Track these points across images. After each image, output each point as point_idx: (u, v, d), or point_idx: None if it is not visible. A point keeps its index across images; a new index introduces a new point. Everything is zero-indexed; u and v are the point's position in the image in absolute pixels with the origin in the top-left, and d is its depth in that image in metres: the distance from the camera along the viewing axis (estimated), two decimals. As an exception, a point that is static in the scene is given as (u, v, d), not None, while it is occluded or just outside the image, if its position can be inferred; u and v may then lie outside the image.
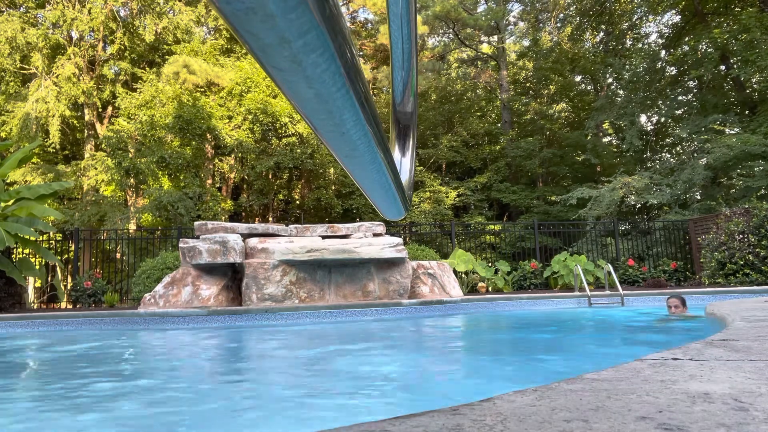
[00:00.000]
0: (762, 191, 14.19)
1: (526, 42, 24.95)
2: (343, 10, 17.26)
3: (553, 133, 22.65)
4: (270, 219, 20.10)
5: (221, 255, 8.14)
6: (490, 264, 13.66)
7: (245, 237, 8.92)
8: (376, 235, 9.55)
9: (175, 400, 3.16)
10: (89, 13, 18.70)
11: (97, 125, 20.57)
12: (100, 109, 21.19)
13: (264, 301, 8.04)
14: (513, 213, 20.97)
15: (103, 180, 17.93)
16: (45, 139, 18.64)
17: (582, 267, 11.46)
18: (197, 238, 8.74)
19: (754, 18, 14.76)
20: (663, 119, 19.32)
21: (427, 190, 18.85)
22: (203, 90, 18.40)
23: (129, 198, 19.23)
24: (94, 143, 20.30)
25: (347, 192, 19.28)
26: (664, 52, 19.43)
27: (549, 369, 3.88)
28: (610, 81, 21.79)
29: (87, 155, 19.52)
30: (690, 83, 18.49)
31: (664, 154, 20.36)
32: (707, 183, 15.63)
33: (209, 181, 18.59)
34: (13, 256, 10.94)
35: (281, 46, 0.36)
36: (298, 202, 20.23)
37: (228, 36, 20.61)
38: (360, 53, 23.39)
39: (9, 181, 17.43)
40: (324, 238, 9.16)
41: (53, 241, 13.52)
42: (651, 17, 20.51)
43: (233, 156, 18.31)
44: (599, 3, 20.56)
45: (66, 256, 16.43)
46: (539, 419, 1.00)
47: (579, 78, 23.35)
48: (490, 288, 12.26)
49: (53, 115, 18.04)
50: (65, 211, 17.66)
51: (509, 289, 12.42)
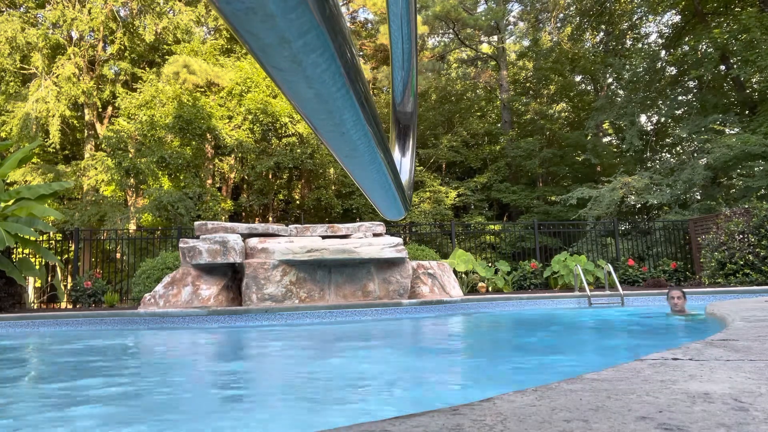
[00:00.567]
0: (762, 191, 14.19)
1: (526, 42, 24.95)
2: (343, 10, 17.26)
3: (553, 133, 22.64)
4: (270, 219, 20.10)
5: (221, 255, 8.15)
6: (490, 264, 13.65)
7: (245, 237, 8.92)
8: (376, 235, 9.55)
9: (175, 399, 3.16)
10: (89, 13, 18.70)
11: (97, 125, 20.57)
12: (100, 109, 21.19)
13: (264, 301, 8.04)
14: (513, 213, 20.97)
15: (103, 180, 17.92)
16: (45, 139, 18.64)
17: (582, 267, 11.46)
18: (197, 238, 8.74)
19: (754, 18, 14.75)
20: (663, 119, 19.31)
21: (427, 190, 18.85)
22: (203, 90, 18.41)
23: (129, 198, 19.23)
24: (94, 143, 20.29)
25: (347, 192, 19.27)
26: (664, 52, 19.43)
27: (549, 369, 3.88)
28: (610, 81, 21.79)
29: (87, 155, 19.52)
30: (690, 83, 18.49)
31: (664, 154, 20.36)
32: (707, 183, 15.62)
33: (209, 181, 18.59)
34: (13, 256, 10.94)
35: (281, 46, 0.36)
36: (298, 202, 20.23)
37: (228, 36, 20.61)
38: (360, 53, 23.38)
39: (9, 181, 17.43)
40: (324, 238, 9.16)
41: (53, 241, 13.52)
42: (651, 17, 20.51)
43: (233, 156, 18.32)
44: (599, 3, 20.56)
45: (66, 256, 16.43)
46: (539, 419, 1.00)
47: (579, 78, 23.35)
48: (490, 288, 12.26)
49: (53, 115, 18.04)
50: (65, 211, 17.65)
51: (509, 289, 12.41)
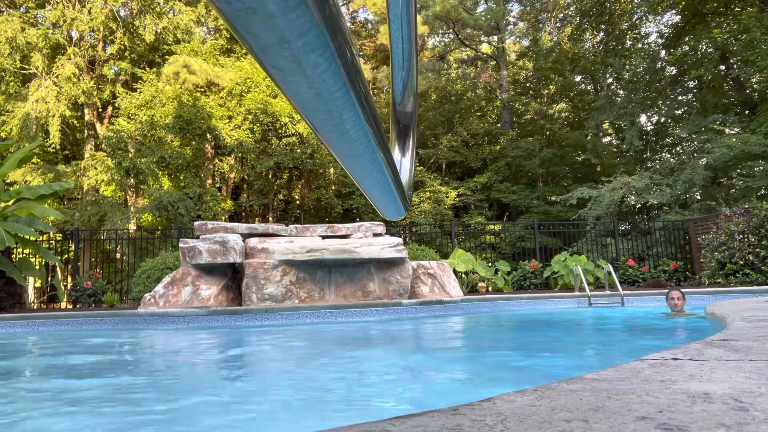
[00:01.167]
0: (762, 191, 14.20)
1: (526, 42, 24.95)
2: (343, 10, 17.26)
3: (553, 133, 22.64)
4: (270, 219, 20.10)
5: (221, 255, 8.15)
6: (490, 264, 13.65)
7: (245, 237, 8.92)
8: (376, 235, 9.55)
9: (175, 400, 3.16)
10: (89, 13, 18.70)
11: (97, 125, 20.57)
12: (100, 109, 21.19)
13: (264, 301, 8.04)
14: (513, 213, 20.97)
15: (103, 180, 17.92)
16: (45, 139, 18.64)
17: (582, 267, 11.46)
18: (197, 238, 8.74)
19: (754, 18, 14.75)
20: (663, 119, 19.32)
21: (427, 190, 18.85)
22: (203, 90, 18.41)
23: (129, 198, 19.23)
24: (94, 143, 20.29)
25: (347, 192, 19.28)
26: (664, 52, 19.43)
27: (549, 369, 3.88)
28: (610, 81, 21.79)
29: (87, 155, 19.51)
30: (690, 83, 18.49)
31: (664, 154, 20.37)
32: (707, 183, 15.62)
33: (209, 181, 18.59)
34: (13, 256, 10.94)
35: (281, 46, 0.36)
36: (298, 202, 20.24)
37: (228, 36, 20.61)
38: (360, 53, 23.38)
39: (9, 181, 17.42)
40: (324, 238, 9.16)
41: (53, 241, 13.52)
42: (651, 17, 20.50)
43: (233, 156, 18.32)
44: (599, 3, 20.56)
45: (66, 256, 16.43)
46: (539, 419, 1.00)
47: (579, 78, 23.34)
48: (490, 288, 12.26)
49: (53, 115, 18.03)
50: (65, 211, 17.65)
51: (509, 289, 12.41)
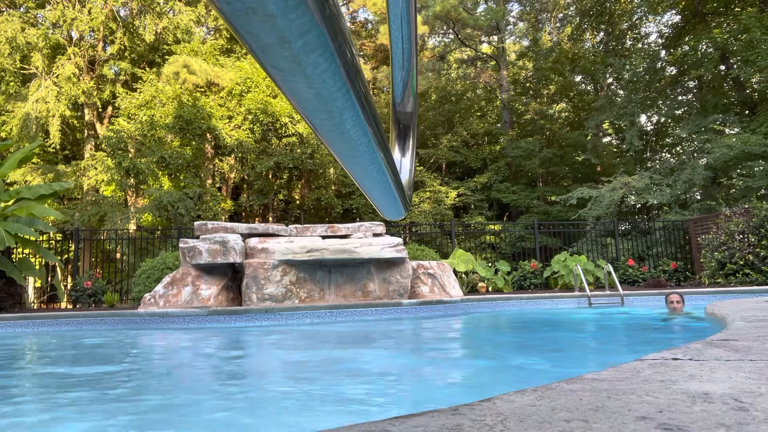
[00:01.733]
0: (762, 191, 14.19)
1: (526, 42, 24.95)
2: (343, 10, 17.26)
3: (553, 133, 22.64)
4: (270, 219, 20.10)
5: (221, 255, 8.14)
6: (490, 264, 13.65)
7: (245, 237, 8.92)
8: (376, 235, 9.55)
9: (175, 400, 3.16)
10: (89, 13, 18.69)
11: (97, 125, 20.57)
12: (100, 109, 21.18)
13: (264, 301, 8.04)
14: (513, 213, 20.97)
15: (103, 180, 17.92)
16: (45, 139, 18.64)
17: (582, 267, 11.46)
18: (197, 238, 8.74)
19: (754, 18, 14.75)
20: (663, 119, 19.31)
21: (427, 190, 18.85)
22: (203, 90, 18.41)
23: (129, 198, 19.23)
24: (94, 143, 20.29)
25: (347, 192, 19.27)
26: (664, 52, 19.43)
27: (549, 369, 3.88)
28: (610, 81, 21.79)
29: (87, 155, 19.51)
30: (690, 83, 18.49)
31: (664, 154, 20.36)
32: (707, 183, 15.62)
33: (209, 181, 18.59)
34: (13, 256, 10.94)
35: (281, 46, 0.36)
36: (298, 202, 20.24)
37: (228, 36, 20.61)
38: (360, 53, 23.38)
39: (9, 181, 17.42)
40: (324, 238, 9.16)
41: (53, 241, 13.51)
42: (651, 17, 20.50)
43: (233, 156, 18.32)
44: (599, 3, 20.55)
45: (66, 256, 16.43)
46: (539, 419, 1.00)
47: (579, 78, 23.34)
48: (490, 288, 12.26)
49: (53, 115, 18.03)
50: (65, 211, 17.65)
51: (509, 289, 12.41)
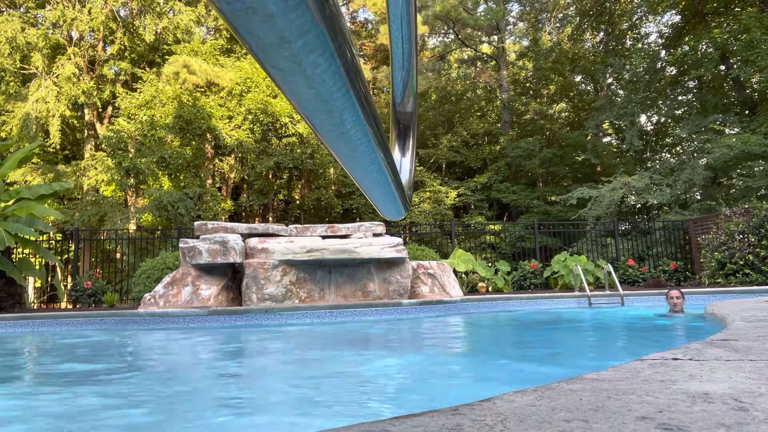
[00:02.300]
0: (762, 191, 14.19)
1: (526, 42, 24.95)
2: (343, 10, 17.26)
3: (553, 133, 22.64)
4: (270, 219, 20.10)
5: (221, 255, 8.14)
6: (490, 264, 13.65)
7: (245, 237, 8.92)
8: (376, 235, 9.55)
9: (175, 400, 3.16)
10: (89, 13, 18.69)
11: (97, 125, 20.57)
12: (100, 109, 21.18)
13: (264, 301, 8.04)
14: (513, 213, 20.97)
15: (103, 180, 17.92)
16: (45, 139, 18.63)
17: (582, 267, 11.46)
18: (197, 238, 8.74)
19: (754, 18, 14.75)
20: (663, 119, 19.31)
21: (427, 190, 18.85)
22: (203, 90, 18.40)
23: (129, 198, 19.23)
24: (94, 143, 20.29)
25: (347, 192, 19.27)
26: (664, 52, 19.43)
27: (549, 369, 3.88)
28: (610, 81, 21.78)
29: (87, 155, 19.51)
30: (690, 83, 18.49)
31: (664, 154, 20.36)
32: (707, 183, 15.62)
33: (209, 181, 18.59)
34: (13, 256, 10.94)
35: (281, 46, 0.36)
36: (298, 202, 20.24)
37: (228, 36, 20.61)
38: (360, 53, 23.38)
39: (9, 181, 17.42)
40: (324, 238, 9.16)
41: (53, 241, 13.51)
42: (651, 17, 20.50)
43: (233, 156, 18.32)
44: (599, 3, 20.55)
45: (66, 256, 16.43)
46: (539, 419, 1.00)
47: (579, 78, 23.34)
48: (490, 288, 12.26)
49: (53, 115, 18.03)
50: (65, 211, 17.65)
51: (509, 289, 12.41)
